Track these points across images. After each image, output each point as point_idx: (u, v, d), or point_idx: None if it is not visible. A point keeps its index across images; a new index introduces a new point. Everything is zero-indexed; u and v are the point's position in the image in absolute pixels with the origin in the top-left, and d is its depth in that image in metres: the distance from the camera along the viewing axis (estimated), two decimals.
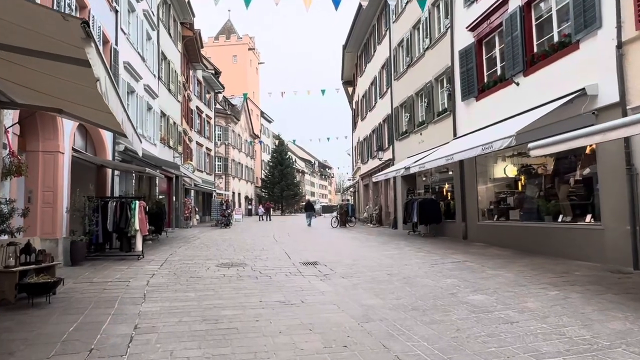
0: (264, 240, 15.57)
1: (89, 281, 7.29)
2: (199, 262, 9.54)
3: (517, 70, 10.26)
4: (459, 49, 13.05)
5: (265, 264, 9.25)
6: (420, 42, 16.73)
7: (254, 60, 64.97)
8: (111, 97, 3.26)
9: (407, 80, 18.08)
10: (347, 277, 7.55)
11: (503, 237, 11.01)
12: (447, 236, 14.27)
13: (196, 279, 7.45)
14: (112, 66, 12.48)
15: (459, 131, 13.22)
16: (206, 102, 34.33)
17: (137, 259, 9.91)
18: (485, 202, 12.40)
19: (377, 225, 23.03)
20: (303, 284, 7.00)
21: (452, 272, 7.64)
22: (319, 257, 10.34)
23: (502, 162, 11.92)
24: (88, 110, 4.80)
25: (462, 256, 9.63)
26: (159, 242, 14.65)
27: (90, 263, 9.28)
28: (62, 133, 8.87)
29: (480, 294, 5.93)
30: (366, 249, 11.98)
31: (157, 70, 18.96)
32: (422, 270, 7.96)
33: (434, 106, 15.33)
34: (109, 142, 12.29)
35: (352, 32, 26.06)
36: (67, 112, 5.29)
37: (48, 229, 8.57)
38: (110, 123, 4.77)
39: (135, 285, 6.94)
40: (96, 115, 4.84)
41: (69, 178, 9.36)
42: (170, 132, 21.80)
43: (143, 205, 10.18)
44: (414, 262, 9.10)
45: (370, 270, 8.24)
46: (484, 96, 11.92)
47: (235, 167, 48.05)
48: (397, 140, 19.52)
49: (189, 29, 25.43)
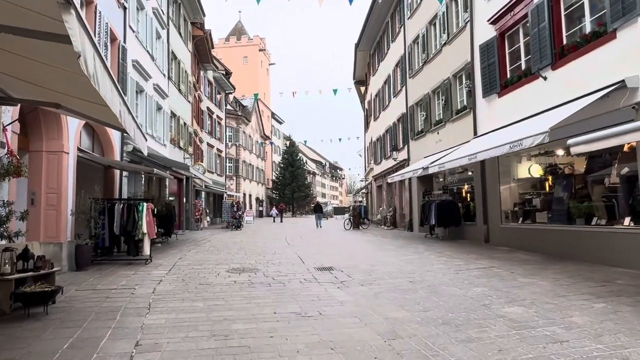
0: (275, 243, 15.11)
1: (92, 288, 6.87)
2: (209, 267, 9.10)
3: (544, 64, 9.64)
4: (480, 43, 12.45)
5: (278, 269, 8.77)
6: (437, 37, 16.15)
7: (264, 61, 64.76)
8: (103, 83, 2.81)
9: (422, 77, 17.50)
10: (366, 285, 7.02)
11: (529, 241, 10.38)
12: (467, 239, 13.65)
13: (205, 286, 6.99)
14: (120, 64, 12.15)
15: (480, 129, 12.61)
16: (217, 103, 34.07)
17: (145, 263, 9.50)
18: (508, 203, 11.77)
19: (391, 227, 22.44)
20: (319, 292, 6.49)
21: (480, 280, 7.07)
22: (334, 261, 9.84)
23: (526, 161, 11.29)
24: (86, 104, 4.37)
25: (487, 261, 9.04)
26: (169, 245, 14.27)
27: (96, 268, 8.89)
28: (66, 132, 8.50)
29: (516, 305, 5.36)
30: (383, 253, 11.43)
31: (167, 70, 18.65)
32: (446, 278, 7.40)
33: (452, 104, 14.73)
34: (117, 142, 11.94)
35: (364, 30, 25.52)
36: (65, 107, 4.87)
37: (52, 232, 8.20)
38: (109, 117, 4.32)
39: (140, 293, 6.50)
40: (94, 110, 4.40)
41: (74, 179, 9.00)
42: (181, 133, 21.49)
43: (151, 208, 9.77)
44: (436, 268, 8.54)
45: (390, 276, 7.71)
46: (507, 92, 11.31)
47: (246, 168, 47.79)
48: (412, 139, 18.92)
49: (200, 28, 25.14)
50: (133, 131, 4.63)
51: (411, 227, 19.01)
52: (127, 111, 4.18)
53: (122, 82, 12.22)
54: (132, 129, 4.59)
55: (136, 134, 4.82)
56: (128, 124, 4.38)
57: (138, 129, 5.05)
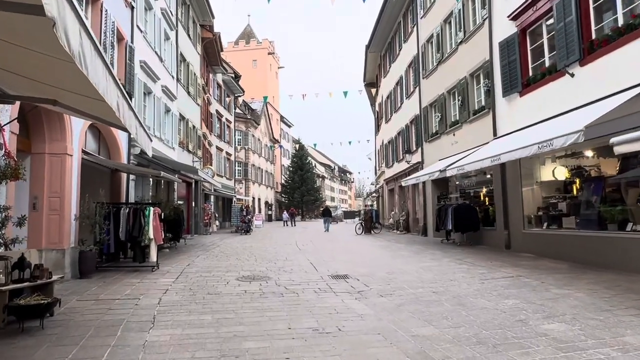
0: (286, 248, 14.66)
1: (94, 298, 6.47)
2: (218, 275, 8.67)
3: (571, 60, 9.10)
4: (499, 40, 11.92)
5: (291, 277, 8.32)
6: (452, 36, 15.64)
7: (273, 65, 64.64)
8: (94, 68, 2.40)
9: (437, 77, 16.98)
10: (385, 296, 6.54)
11: (555, 248, 9.80)
12: (486, 245, 13.08)
13: (214, 296, 6.56)
14: (128, 64, 11.83)
15: (500, 130, 12.06)
16: (226, 106, 33.82)
17: (152, 270, 9.11)
18: (531, 208, 11.20)
19: (404, 232, 21.87)
20: (336, 304, 6.02)
21: (510, 291, 6.54)
22: (349, 269, 9.36)
23: (551, 163, 10.73)
24: (82, 100, 3.96)
25: (512, 270, 8.50)
26: (177, 250, 13.90)
27: (101, 275, 8.51)
28: (70, 134, 8.15)
29: (557, 321, 4.84)
30: (400, 259, 10.92)
31: (176, 72, 18.36)
32: (472, 288, 6.88)
33: (469, 104, 14.19)
34: (124, 144, 11.59)
35: (375, 31, 25.08)
36: (62, 104, 4.47)
37: (54, 238, 7.83)
38: (108, 113, 3.91)
39: (145, 304, 6.08)
40: (92, 105, 4.00)
41: (79, 183, 8.64)
42: (190, 136, 21.20)
43: (158, 212, 9.38)
44: (459, 276, 8.02)
45: (410, 286, 7.21)
46: (530, 91, 10.77)
47: (255, 172, 47.51)
48: (426, 142, 18.39)
49: (209, 30, 24.90)
50: (135, 129, 4.22)
51: (425, 232, 18.44)
52: (128, 106, 3.77)
53: (129, 83, 11.90)
54: (134, 126, 4.18)
55: (139, 132, 4.42)
56: (129, 120, 3.97)
57: (141, 126, 4.64)
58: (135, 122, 4.25)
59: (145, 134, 4.92)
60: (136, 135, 4.26)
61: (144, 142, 4.83)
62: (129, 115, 3.76)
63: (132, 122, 4.06)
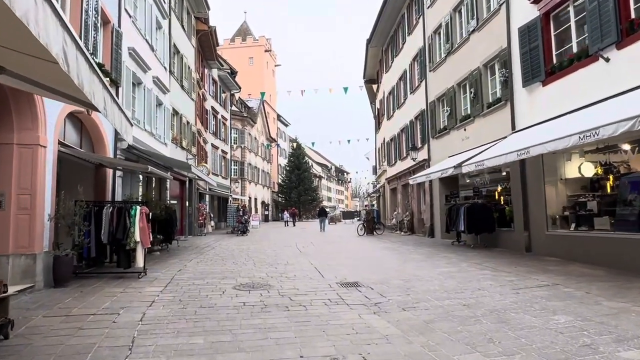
0: (286, 250, 13.68)
1: (65, 313, 5.46)
2: (213, 282, 7.68)
3: (606, 43, 8.18)
4: (519, 26, 11.00)
5: (295, 285, 7.35)
6: (463, 25, 14.72)
7: (270, 62, 63.61)
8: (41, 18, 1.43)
9: (446, 70, 16.05)
10: (409, 309, 5.57)
11: (585, 251, 8.89)
12: (503, 248, 12.15)
13: (207, 311, 5.57)
14: (114, 50, 10.81)
15: (520, 123, 11.14)
16: (222, 103, 32.77)
17: (138, 277, 8.11)
18: (555, 207, 10.28)
19: (408, 233, 20.93)
20: (353, 321, 5.05)
21: (554, 304, 5.59)
22: (358, 275, 8.40)
23: (578, 158, 9.81)
24: (32, 63, 2.96)
25: (543, 276, 7.56)
26: (168, 253, 12.88)
27: (79, 283, 7.48)
28: (43, 122, 7.13)
29: (634, 347, 3.90)
30: (412, 264, 9.96)
31: (169, 64, 17.33)
32: (508, 300, 5.93)
33: (482, 97, 13.26)
34: (110, 138, 10.58)
35: (377, 24, 24.13)
36: (11, 71, 3.47)
37: (24, 241, 6.80)
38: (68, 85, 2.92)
39: (124, 321, 5.08)
40: (46, 71, 3.01)
41: (54, 178, 7.62)
42: (184, 132, 20.16)
43: (145, 212, 8.37)
44: (486, 284, 7.07)
45: (434, 297, 6.25)
46: (555, 79, 9.85)
47: (251, 171, 46.48)
48: (433, 138, 17.45)
49: (204, 22, 23.86)
50: (104, 103, 3.23)
51: (432, 233, 17.51)
52: (98, 79, 2.79)
53: (116, 70, 10.88)
54: (102, 99, 3.19)
55: (109, 109, 3.43)
56: (97, 95, 2.99)
57: (114, 103, 3.65)
58: (104, 95, 3.26)
59: (121, 114, 3.93)
60: (105, 112, 3.27)
61: (118, 123, 3.84)
62: (100, 91, 2.79)
63: (100, 96, 3.07)
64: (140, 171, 11.25)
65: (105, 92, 3.27)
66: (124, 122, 4.11)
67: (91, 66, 2.71)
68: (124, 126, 4.16)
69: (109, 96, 3.31)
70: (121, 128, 4.06)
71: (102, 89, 3.09)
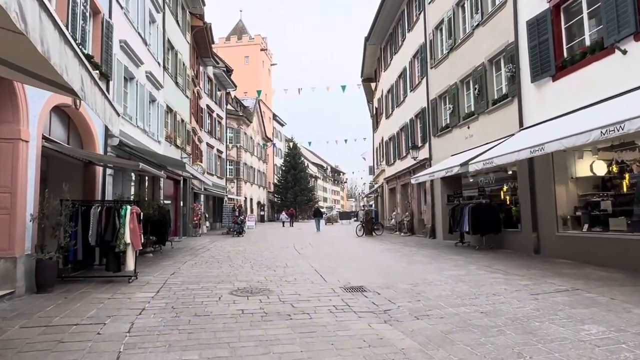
0: (284, 252, 13.20)
1: (45, 323, 4.95)
2: (208, 287, 7.19)
3: (624, 35, 7.78)
4: (527, 19, 10.59)
5: (296, 290, 6.87)
6: (466, 20, 14.31)
7: (266, 61, 63.11)
8: None
9: (448, 66, 15.65)
10: (422, 317, 5.12)
11: (600, 253, 8.48)
12: (509, 249, 11.73)
13: (203, 320, 5.08)
14: (104, 42, 10.28)
15: (528, 120, 10.73)
16: (217, 101, 32.22)
17: (128, 281, 7.60)
18: (565, 207, 9.87)
19: (408, 233, 20.50)
20: (363, 332, 4.59)
21: (579, 312, 5.15)
22: (362, 278, 7.96)
23: (591, 156, 9.41)
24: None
25: (559, 280, 7.14)
26: (162, 255, 12.36)
27: (64, 288, 6.97)
28: (25, 115, 6.62)
29: None
30: (417, 266, 9.52)
31: (163, 59, 16.79)
32: (528, 307, 5.49)
33: (487, 93, 12.85)
34: (100, 134, 10.05)
35: (376, 21, 23.70)
36: None
37: (3, 243, 6.29)
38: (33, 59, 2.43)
39: (110, 332, 4.59)
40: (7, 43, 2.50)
41: (38, 176, 7.10)
42: (178, 130, 19.63)
43: (137, 212, 7.86)
44: (500, 289, 6.63)
45: (447, 303, 5.80)
46: (566, 74, 9.44)
47: (247, 171, 45.92)
48: (434, 136, 17.03)
49: (199, 18, 23.31)
50: (80, 83, 2.74)
51: (434, 233, 17.09)
52: (65, 44, 2.31)
53: (106, 63, 10.37)
54: (79, 79, 2.71)
55: (88, 89, 2.94)
56: (72, 71, 2.51)
57: (97, 87, 3.17)
58: (82, 74, 2.78)
59: (105, 99, 3.44)
60: (83, 94, 2.78)
61: (101, 110, 3.35)
62: (65, 57, 2.30)
63: (73, 70, 2.58)
64: (132, 169, 10.71)
65: (84, 70, 2.78)
66: (108, 110, 3.63)
67: (62, 34, 2.24)
68: (109, 114, 3.67)
69: (88, 76, 2.83)
70: (105, 116, 3.58)
71: (78, 66, 2.61)
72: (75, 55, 2.52)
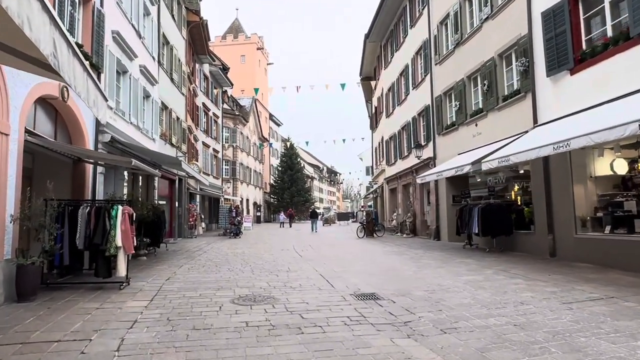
0: (284, 254, 12.62)
1: (22, 340, 4.34)
2: (207, 295, 6.59)
3: None
4: (542, 10, 10.08)
5: (303, 298, 6.30)
6: (474, 13, 13.81)
7: (262, 61, 62.49)
8: None
9: (454, 62, 15.13)
10: (449, 331, 4.55)
11: (623, 257, 7.96)
12: (522, 252, 11.20)
13: (202, 335, 4.49)
14: (95, 31, 9.66)
15: (543, 116, 10.21)
16: (213, 100, 31.56)
17: (119, 287, 6.99)
18: (585, 208, 9.36)
19: (410, 235, 19.97)
20: (387, 349, 4.02)
21: (625, 324, 4.61)
22: (372, 284, 7.41)
23: (612, 154, 8.90)
24: None
25: (589, 287, 6.60)
26: (156, 257, 11.73)
27: (48, 297, 6.34)
28: (5, 104, 6.00)
29: None
30: (428, 270, 8.96)
31: (158, 54, 16.16)
32: (564, 318, 4.94)
33: (497, 89, 12.34)
34: (90, 129, 9.43)
35: (376, 17, 23.20)
36: None
37: None
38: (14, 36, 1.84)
39: (96, 351, 3.99)
40: None
41: (19, 173, 6.48)
42: (173, 128, 19.00)
43: (129, 213, 7.24)
44: (526, 297, 6.08)
45: (473, 313, 5.24)
46: (585, 67, 8.92)
47: (243, 171, 45.24)
48: (439, 135, 16.51)
49: (195, 13, 22.69)
50: (52, 46, 2.15)
51: (438, 235, 16.55)
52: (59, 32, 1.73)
53: (97, 54, 9.75)
54: (49, 39, 2.12)
55: (74, 71, 2.35)
56: (35, 25, 1.92)
57: (77, 59, 2.58)
58: (53, 34, 2.18)
59: (88, 77, 2.85)
60: (56, 61, 2.19)
61: (82, 89, 2.76)
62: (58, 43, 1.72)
63: (35, 20, 1.99)
64: (124, 166, 10.09)
65: (56, 32, 2.20)
66: (92, 91, 3.04)
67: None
68: (93, 96, 3.08)
69: (62, 40, 2.25)
70: (88, 97, 2.99)
71: (48, 24, 2.03)
72: (43, 7, 1.93)
